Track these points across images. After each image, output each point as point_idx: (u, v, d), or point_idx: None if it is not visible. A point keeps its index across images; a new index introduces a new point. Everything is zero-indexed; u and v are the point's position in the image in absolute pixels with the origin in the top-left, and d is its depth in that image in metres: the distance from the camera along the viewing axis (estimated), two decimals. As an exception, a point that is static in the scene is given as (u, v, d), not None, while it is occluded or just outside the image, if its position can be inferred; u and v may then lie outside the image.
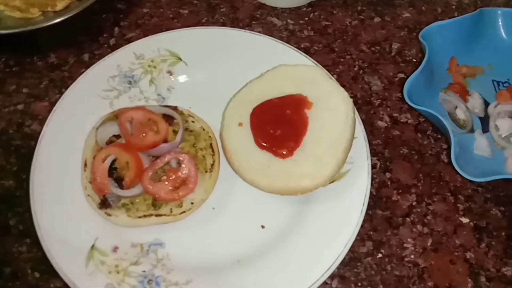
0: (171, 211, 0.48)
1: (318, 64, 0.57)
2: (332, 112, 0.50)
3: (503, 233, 0.52)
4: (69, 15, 0.59)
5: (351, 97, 0.55)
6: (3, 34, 0.57)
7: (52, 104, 0.54)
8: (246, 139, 0.51)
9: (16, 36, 0.58)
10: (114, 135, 0.51)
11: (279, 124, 0.50)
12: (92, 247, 0.47)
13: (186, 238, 0.49)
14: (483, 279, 0.50)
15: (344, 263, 0.48)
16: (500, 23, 0.65)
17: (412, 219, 0.53)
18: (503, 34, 0.65)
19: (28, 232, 0.49)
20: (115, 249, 0.47)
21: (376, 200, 0.53)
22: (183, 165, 0.49)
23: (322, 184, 0.48)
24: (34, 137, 0.52)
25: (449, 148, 0.55)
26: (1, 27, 0.58)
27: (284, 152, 0.49)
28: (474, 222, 0.53)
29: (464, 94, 0.61)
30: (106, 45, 0.63)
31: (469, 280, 0.50)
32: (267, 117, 0.51)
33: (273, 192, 0.49)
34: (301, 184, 0.48)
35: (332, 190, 0.50)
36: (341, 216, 0.49)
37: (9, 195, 0.52)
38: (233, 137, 0.51)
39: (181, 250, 0.48)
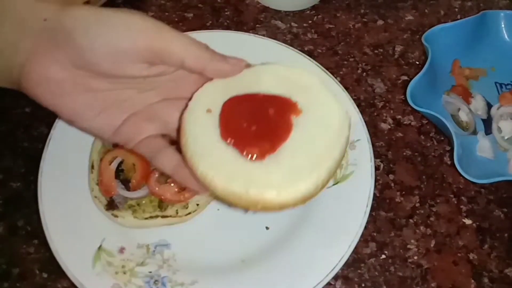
0: (177, 213, 0.48)
1: (322, 67, 0.57)
2: (323, 126, 0.42)
3: (506, 235, 0.53)
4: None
5: (354, 99, 0.56)
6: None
7: (59, 107, 0.54)
8: (210, 128, 0.42)
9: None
10: (120, 138, 0.52)
11: (256, 120, 0.42)
12: (99, 248, 0.47)
13: (191, 239, 0.49)
14: (486, 280, 0.50)
15: (347, 264, 0.49)
16: (503, 26, 0.65)
17: (415, 220, 0.53)
18: (506, 37, 0.66)
19: (36, 233, 0.50)
20: (121, 250, 0.48)
21: (379, 202, 0.54)
22: (188, 167, 0.49)
23: (291, 203, 0.38)
24: (41, 140, 0.53)
25: (452, 150, 0.55)
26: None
27: (255, 153, 0.40)
28: (477, 223, 0.53)
29: (466, 96, 0.61)
30: (112, 49, 0.64)
31: (472, 281, 0.50)
32: (244, 110, 0.42)
33: (226, 197, 0.39)
34: (264, 194, 0.38)
35: (335, 191, 0.51)
36: (344, 217, 0.49)
37: (17, 196, 0.53)
38: (196, 122, 0.42)
39: (186, 251, 0.49)
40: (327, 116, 0.43)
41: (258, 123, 0.42)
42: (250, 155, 0.40)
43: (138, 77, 0.39)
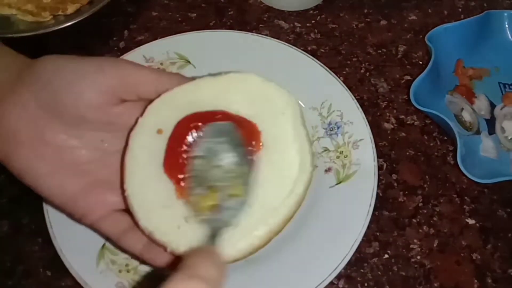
0: (180, 211, 0.49)
1: (325, 67, 0.57)
2: (281, 173, 0.37)
3: (509, 234, 0.53)
4: (79, 19, 0.59)
5: (357, 99, 0.56)
6: (16, 37, 0.58)
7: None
8: (157, 153, 0.38)
9: (28, 39, 0.59)
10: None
11: None
12: (103, 246, 0.47)
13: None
14: (489, 280, 0.50)
15: (350, 264, 0.49)
16: (507, 25, 0.65)
17: (418, 220, 0.53)
18: (510, 37, 0.66)
19: (40, 231, 0.50)
20: (125, 248, 0.48)
21: (382, 201, 0.54)
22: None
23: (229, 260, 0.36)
24: (46, 138, 0.53)
25: (455, 149, 0.55)
26: (13, 31, 0.59)
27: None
28: (480, 223, 0.53)
29: (470, 96, 0.61)
30: (116, 48, 0.64)
31: (475, 281, 0.50)
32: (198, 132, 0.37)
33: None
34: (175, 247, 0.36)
35: (338, 191, 0.51)
36: (347, 217, 0.49)
37: (22, 194, 0.53)
38: (142, 143, 0.38)
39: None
40: (288, 162, 0.38)
41: None
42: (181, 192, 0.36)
43: (102, 121, 0.38)
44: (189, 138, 0.37)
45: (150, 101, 0.39)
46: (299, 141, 0.38)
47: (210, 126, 0.37)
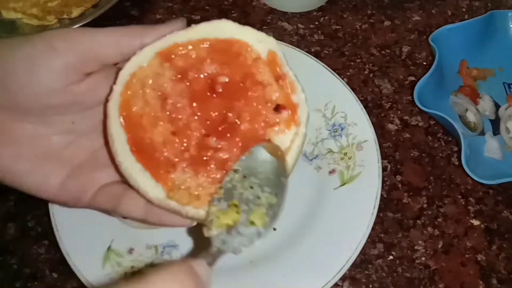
0: (185, 214, 0.49)
1: (329, 68, 0.57)
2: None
3: (514, 236, 0.53)
4: (84, 22, 0.60)
5: (361, 100, 0.56)
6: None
7: (69, 109, 0.55)
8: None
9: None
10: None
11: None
12: (109, 248, 0.48)
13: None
14: (494, 281, 0.50)
15: (355, 265, 0.49)
16: (511, 26, 0.65)
17: (423, 221, 0.53)
18: (514, 37, 0.66)
19: (46, 234, 0.50)
20: (130, 250, 0.48)
21: (387, 203, 0.54)
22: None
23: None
24: (51, 142, 0.53)
25: (459, 150, 0.55)
26: (18, 34, 0.60)
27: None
28: (485, 224, 0.53)
29: (474, 96, 0.61)
30: (120, 51, 0.64)
31: (480, 282, 0.50)
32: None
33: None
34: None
35: (343, 192, 0.51)
36: (352, 218, 0.49)
37: (28, 197, 0.53)
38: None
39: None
40: None
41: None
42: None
43: (68, 102, 0.34)
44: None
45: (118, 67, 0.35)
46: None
47: (260, 149, 0.33)
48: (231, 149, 0.33)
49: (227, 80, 0.34)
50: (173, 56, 0.34)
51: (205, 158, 0.33)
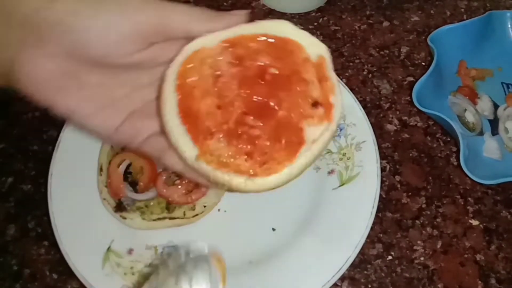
0: (184, 214, 0.49)
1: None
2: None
3: (513, 235, 0.53)
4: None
5: (360, 101, 0.56)
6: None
7: (69, 110, 0.55)
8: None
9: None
10: (128, 140, 0.52)
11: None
12: (108, 249, 0.48)
13: (199, 241, 0.50)
14: (493, 281, 0.50)
15: (354, 265, 0.49)
16: (509, 26, 0.65)
17: (421, 221, 0.53)
18: (513, 37, 0.66)
19: (46, 234, 0.51)
20: (130, 251, 0.48)
21: (385, 203, 0.54)
22: (195, 169, 0.50)
23: (260, 190, 0.36)
24: (51, 143, 0.53)
25: (458, 151, 0.55)
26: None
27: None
28: (484, 224, 0.53)
29: (473, 96, 0.61)
30: (120, 52, 0.65)
31: (479, 282, 0.50)
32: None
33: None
34: (232, 181, 0.36)
35: (342, 193, 0.51)
36: (351, 218, 0.50)
37: (28, 199, 0.54)
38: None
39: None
40: None
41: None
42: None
43: (132, 64, 0.38)
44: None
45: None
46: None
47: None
48: (264, 129, 0.36)
49: (276, 72, 0.38)
50: (235, 45, 0.38)
51: (239, 132, 0.36)
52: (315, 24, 0.68)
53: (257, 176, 0.35)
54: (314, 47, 0.39)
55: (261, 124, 0.37)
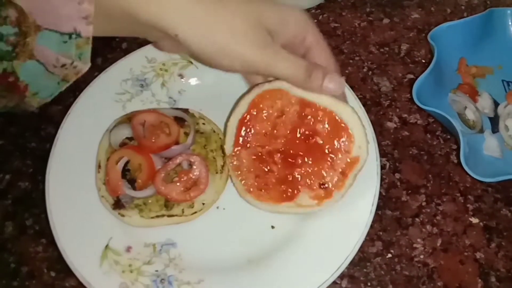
0: (183, 212, 0.49)
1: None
2: None
3: (513, 233, 0.53)
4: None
5: (360, 98, 0.56)
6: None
7: (67, 107, 0.55)
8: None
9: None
10: (127, 138, 0.52)
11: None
12: (106, 247, 0.48)
13: (197, 238, 0.50)
14: (493, 279, 0.50)
15: (353, 263, 0.49)
16: (510, 23, 0.65)
17: (421, 219, 0.53)
18: (513, 34, 0.65)
19: (44, 232, 0.50)
20: (128, 249, 0.48)
21: (385, 201, 0.54)
22: (194, 167, 0.49)
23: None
24: (49, 140, 0.53)
25: (458, 148, 0.55)
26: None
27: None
28: (484, 222, 0.53)
29: (473, 94, 0.61)
30: (118, 49, 0.64)
31: (479, 280, 0.50)
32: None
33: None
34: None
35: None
36: (350, 216, 0.49)
37: (26, 196, 0.53)
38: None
39: (192, 250, 0.49)
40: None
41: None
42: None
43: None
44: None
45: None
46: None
47: None
48: (278, 170, 0.48)
49: (320, 142, 0.47)
50: (309, 105, 0.46)
51: (264, 157, 0.48)
52: (315, 21, 0.68)
53: (250, 193, 0.48)
54: (362, 148, 0.46)
55: (279, 166, 0.47)
